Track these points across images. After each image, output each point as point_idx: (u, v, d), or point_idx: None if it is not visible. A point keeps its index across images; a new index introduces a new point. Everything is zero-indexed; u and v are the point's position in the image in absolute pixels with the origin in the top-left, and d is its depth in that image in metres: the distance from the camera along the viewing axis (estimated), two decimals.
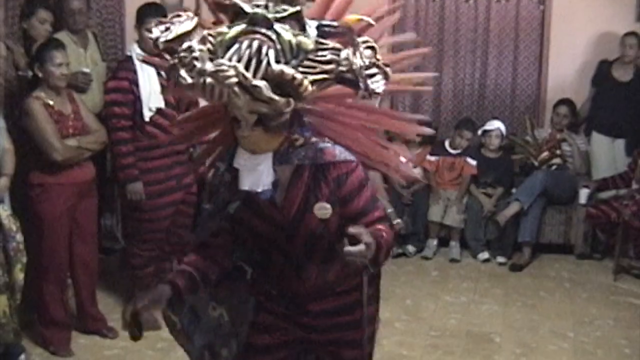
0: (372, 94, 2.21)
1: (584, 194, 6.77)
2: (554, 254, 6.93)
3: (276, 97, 2.10)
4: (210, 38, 2.20)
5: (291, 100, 2.13)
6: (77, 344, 4.94)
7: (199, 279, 2.61)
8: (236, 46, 2.14)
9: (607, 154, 7.01)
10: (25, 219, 4.55)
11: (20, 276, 4.35)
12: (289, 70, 2.09)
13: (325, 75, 2.16)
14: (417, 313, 5.56)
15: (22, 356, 4.63)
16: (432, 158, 7.08)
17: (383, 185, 6.69)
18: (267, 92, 2.09)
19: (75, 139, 4.70)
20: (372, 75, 2.21)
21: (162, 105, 4.93)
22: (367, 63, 2.19)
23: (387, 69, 2.25)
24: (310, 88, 2.12)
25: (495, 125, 7.09)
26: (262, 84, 2.08)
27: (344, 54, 2.16)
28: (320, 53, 2.17)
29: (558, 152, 7.00)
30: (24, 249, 4.37)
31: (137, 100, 4.88)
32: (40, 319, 4.88)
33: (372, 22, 2.48)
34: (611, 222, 6.47)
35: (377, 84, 2.21)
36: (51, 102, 4.63)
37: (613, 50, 6.96)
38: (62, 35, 5.43)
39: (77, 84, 5.21)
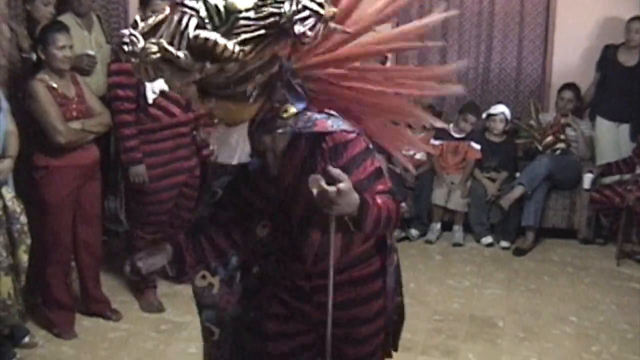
0: (300, 37, 2.12)
1: (587, 179, 6.76)
2: (558, 238, 6.93)
3: (197, 65, 2.09)
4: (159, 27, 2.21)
5: (207, 64, 2.08)
6: (80, 326, 4.96)
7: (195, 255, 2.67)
8: (164, 25, 2.16)
9: (611, 139, 6.99)
10: (29, 201, 4.55)
11: (24, 258, 4.35)
12: (203, 34, 2.07)
13: (262, 32, 2.10)
14: (421, 297, 5.56)
15: (26, 338, 4.66)
16: (436, 142, 7.07)
17: (387, 168, 6.70)
18: (186, 60, 2.08)
19: (79, 121, 4.70)
20: (304, 19, 2.12)
21: (165, 87, 4.91)
22: (299, 7, 2.10)
23: (320, 9, 2.15)
24: (234, 48, 2.07)
25: (500, 109, 7.07)
26: (181, 53, 2.07)
27: (286, 5, 2.10)
28: (260, 9, 2.11)
29: (562, 136, 6.99)
30: (28, 231, 4.37)
31: (140, 83, 4.87)
32: (44, 301, 4.90)
33: None
34: (615, 207, 6.46)
35: (306, 27, 2.11)
36: (55, 85, 4.62)
37: (618, 35, 6.93)
38: (67, 18, 5.42)
39: (81, 66, 5.20)
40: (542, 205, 6.79)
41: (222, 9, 2.11)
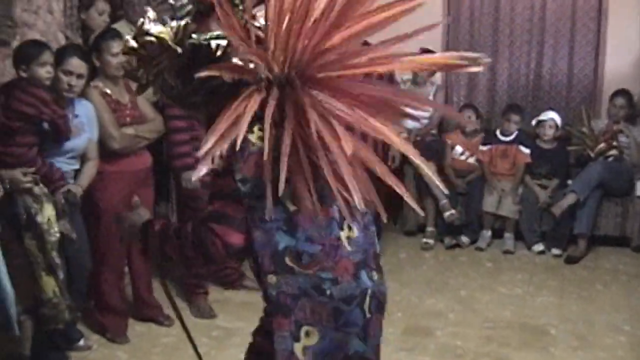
0: None
1: None
2: (610, 246, 6.85)
3: None
4: None
5: None
6: (133, 330, 5.00)
7: None
8: None
9: None
10: (83, 207, 4.61)
11: (52, 254, 4.24)
12: None
13: None
14: (471, 304, 5.53)
15: (81, 341, 4.71)
16: (484, 147, 7.04)
17: (438, 176, 6.69)
18: None
19: (132, 127, 4.75)
20: None
21: None
22: None
23: None
24: None
25: (549, 115, 7.03)
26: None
27: None
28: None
29: (615, 143, 6.89)
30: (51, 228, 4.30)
31: None
32: (97, 306, 4.94)
33: None
34: None
35: None
36: (109, 91, 4.68)
37: None
38: (121, 26, 5.48)
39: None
40: (594, 212, 6.71)
41: None
